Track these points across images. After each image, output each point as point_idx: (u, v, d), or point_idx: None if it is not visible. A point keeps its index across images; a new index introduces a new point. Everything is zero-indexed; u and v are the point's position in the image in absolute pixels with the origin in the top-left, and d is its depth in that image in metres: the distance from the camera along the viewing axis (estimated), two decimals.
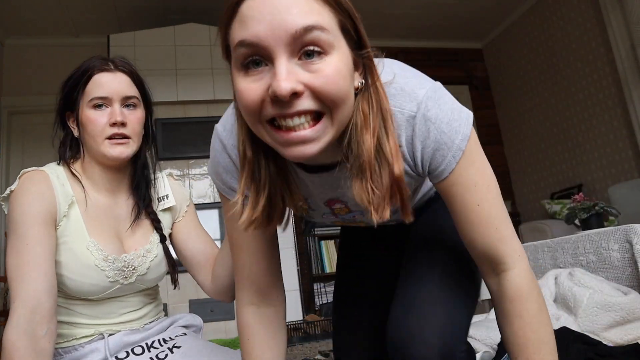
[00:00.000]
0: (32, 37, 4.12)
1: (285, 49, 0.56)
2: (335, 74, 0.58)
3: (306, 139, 0.58)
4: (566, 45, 4.26)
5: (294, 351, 2.67)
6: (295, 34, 0.55)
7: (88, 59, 1.03)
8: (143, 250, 1.04)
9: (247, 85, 0.58)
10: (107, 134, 0.97)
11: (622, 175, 3.83)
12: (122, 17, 4.04)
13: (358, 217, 0.84)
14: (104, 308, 1.00)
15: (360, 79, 0.66)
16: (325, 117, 0.60)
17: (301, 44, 0.56)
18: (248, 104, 0.59)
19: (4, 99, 3.99)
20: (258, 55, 0.57)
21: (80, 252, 0.94)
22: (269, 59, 0.57)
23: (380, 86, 0.67)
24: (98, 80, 0.98)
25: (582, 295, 1.44)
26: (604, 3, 3.81)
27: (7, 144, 3.98)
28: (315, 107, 0.58)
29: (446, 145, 0.68)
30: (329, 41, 0.58)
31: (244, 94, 0.58)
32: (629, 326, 1.39)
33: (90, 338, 0.98)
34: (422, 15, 4.62)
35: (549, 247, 2.07)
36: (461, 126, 0.69)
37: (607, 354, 1.10)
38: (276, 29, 0.55)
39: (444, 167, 0.69)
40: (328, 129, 0.60)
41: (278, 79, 0.55)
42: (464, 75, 5.23)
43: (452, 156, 0.68)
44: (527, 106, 4.78)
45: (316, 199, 0.80)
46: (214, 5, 4.03)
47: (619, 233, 1.73)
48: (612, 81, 3.85)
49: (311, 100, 0.58)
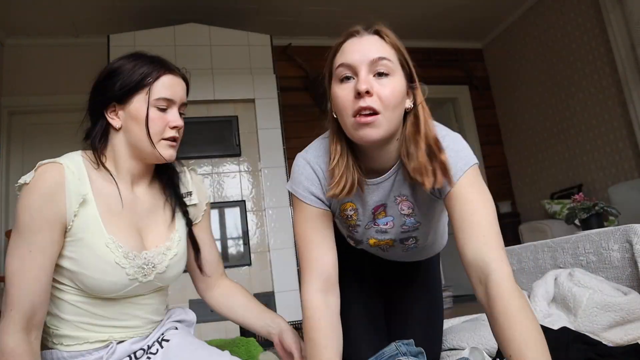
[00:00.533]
0: (32, 37, 4.11)
1: (366, 68, 0.91)
2: (393, 89, 0.92)
3: (369, 122, 0.89)
4: (566, 45, 4.26)
5: None
6: (373, 60, 0.92)
7: (131, 55, 1.04)
8: (163, 248, 1.03)
9: (342, 90, 0.93)
10: (165, 135, 1.00)
11: (622, 175, 3.83)
12: (122, 17, 4.04)
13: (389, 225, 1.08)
14: (118, 308, 0.99)
15: (410, 103, 0.98)
16: (381, 115, 0.90)
17: (375, 67, 0.92)
18: (343, 100, 0.92)
19: (4, 99, 3.99)
20: (350, 72, 0.92)
21: (99, 250, 0.92)
22: (356, 74, 0.92)
23: (423, 105, 0.98)
24: (168, 82, 1.01)
25: (582, 295, 1.44)
26: (604, 3, 3.81)
27: (7, 144, 3.98)
28: (376, 107, 0.90)
29: (452, 165, 0.94)
30: (392, 68, 0.93)
31: (340, 94, 0.93)
32: (628, 326, 1.39)
33: (103, 343, 0.97)
34: (422, 15, 4.62)
35: (549, 247, 2.07)
36: (466, 157, 0.96)
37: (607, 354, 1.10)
38: (363, 57, 0.92)
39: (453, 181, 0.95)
40: (382, 124, 0.91)
41: (360, 81, 0.90)
42: (464, 75, 5.23)
43: (456, 176, 0.94)
44: (527, 106, 4.78)
45: (366, 206, 1.06)
46: (214, 5, 4.03)
47: (619, 233, 1.73)
48: (612, 81, 3.85)
49: (376, 101, 0.90)
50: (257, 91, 3.74)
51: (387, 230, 1.09)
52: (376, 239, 1.11)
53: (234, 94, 3.71)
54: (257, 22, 4.34)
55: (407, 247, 1.14)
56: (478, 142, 5.07)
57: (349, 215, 1.07)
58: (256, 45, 3.90)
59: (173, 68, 1.04)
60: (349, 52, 0.93)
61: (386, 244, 1.12)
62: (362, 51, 0.92)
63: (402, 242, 1.12)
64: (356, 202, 1.05)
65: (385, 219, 1.07)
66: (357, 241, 1.15)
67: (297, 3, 4.17)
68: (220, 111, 3.67)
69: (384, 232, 1.09)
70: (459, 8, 4.55)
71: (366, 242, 1.13)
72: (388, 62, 0.92)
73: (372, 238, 1.11)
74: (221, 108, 3.67)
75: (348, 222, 1.09)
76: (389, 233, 1.09)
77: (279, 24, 4.45)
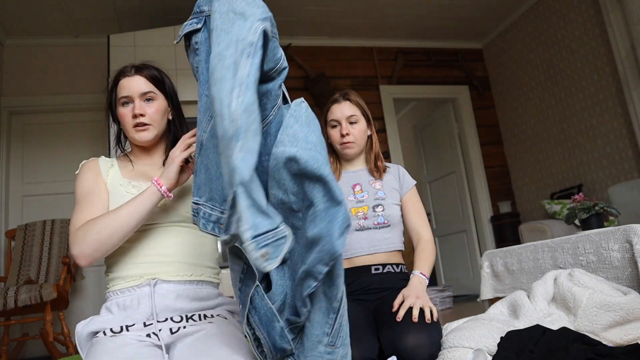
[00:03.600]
0: (32, 37, 4.12)
1: (345, 121, 1.65)
2: (360, 130, 1.67)
3: (348, 147, 1.66)
4: (566, 45, 4.26)
5: None
6: (348, 116, 1.66)
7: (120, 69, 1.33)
8: None
9: (334, 132, 1.68)
10: (133, 124, 1.26)
11: (622, 175, 3.83)
12: (122, 17, 4.04)
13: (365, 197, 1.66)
14: (152, 235, 1.19)
15: (369, 132, 1.72)
16: (354, 143, 1.66)
17: (349, 119, 1.66)
18: (334, 138, 1.68)
19: (4, 99, 3.99)
20: (337, 123, 1.67)
21: (116, 189, 1.24)
22: (340, 124, 1.66)
23: (375, 135, 1.74)
24: (124, 84, 1.27)
25: (581, 295, 1.44)
26: (604, 3, 3.81)
27: (7, 144, 3.98)
28: (352, 140, 1.66)
29: (407, 181, 1.72)
30: (358, 118, 1.67)
31: (333, 134, 1.68)
32: (628, 326, 1.39)
33: (142, 279, 1.15)
34: (422, 15, 4.62)
35: (549, 247, 2.07)
36: (410, 180, 1.72)
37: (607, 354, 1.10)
38: (342, 115, 1.66)
39: (405, 189, 1.70)
40: (354, 147, 1.67)
41: (343, 128, 1.65)
42: (464, 75, 5.23)
43: (407, 187, 1.70)
44: (527, 106, 4.78)
45: (347, 185, 1.69)
46: None
47: (619, 233, 1.73)
48: (612, 81, 3.85)
49: (351, 137, 1.65)
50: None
51: (363, 199, 1.65)
52: (355, 207, 1.64)
53: None
54: None
55: (377, 215, 1.61)
56: (478, 142, 5.07)
57: None
58: None
59: (127, 71, 1.28)
60: (334, 112, 1.67)
61: (362, 211, 1.62)
62: (341, 112, 1.66)
63: (374, 209, 1.62)
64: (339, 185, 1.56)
65: (361, 194, 1.67)
66: None
67: (297, 3, 4.17)
68: None
69: (360, 201, 1.65)
70: (459, 8, 4.55)
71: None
72: (355, 117, 1.66)
73: (353, 207, 1.64)
74: None
75: None
76: (364, 201, 1.65)
77: (279, 24, 4.42)
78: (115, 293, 1.16)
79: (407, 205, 1.67)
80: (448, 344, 1.29)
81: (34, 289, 2.77)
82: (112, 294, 1.17)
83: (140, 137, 1.26)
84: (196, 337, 1.07)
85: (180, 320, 1.11)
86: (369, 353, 1.26)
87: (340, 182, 1.69)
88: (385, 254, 1.61)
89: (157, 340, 1.07)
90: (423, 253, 1.58)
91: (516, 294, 1.57)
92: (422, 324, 1.29)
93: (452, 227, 5.31)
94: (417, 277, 1.50)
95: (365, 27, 4.74)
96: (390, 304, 1.40)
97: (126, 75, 1.27)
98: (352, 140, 1.65)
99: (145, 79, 1.28)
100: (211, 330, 1.09)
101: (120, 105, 1.27)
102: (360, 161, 1.74)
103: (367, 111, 1.70)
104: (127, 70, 1.29)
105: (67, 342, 2.96)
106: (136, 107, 1.25)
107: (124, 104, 1.27)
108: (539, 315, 1.45)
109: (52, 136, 4.10)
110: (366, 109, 1.69)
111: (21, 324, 3.45)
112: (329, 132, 1.69)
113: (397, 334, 1.28)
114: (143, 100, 1.27)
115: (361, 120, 1.67)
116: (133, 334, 1.08)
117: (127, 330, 1.09)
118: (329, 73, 4.71)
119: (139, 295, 1.13)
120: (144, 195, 1.15)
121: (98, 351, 1.01)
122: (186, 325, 1.11)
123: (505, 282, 2.29)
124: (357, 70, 4.88)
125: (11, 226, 3.79)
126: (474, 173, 4.99)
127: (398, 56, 5.02)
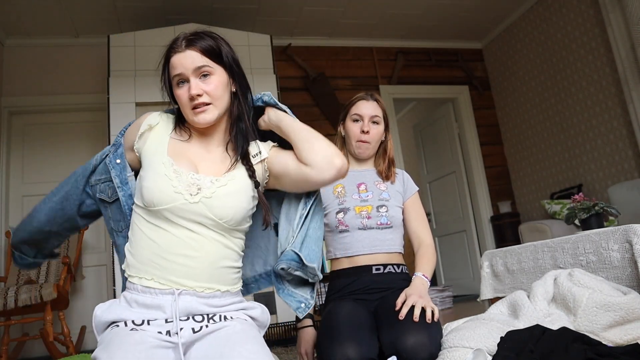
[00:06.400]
0: (32, 37, 4.12)
1: (368, 119, 1.67)
2: (378, 132, 1.70)
3: (365, 146, 1.69)
4: (566, 45, 4.26)
5: (294, 351, 2.67)
6: (372, 116, 1.68)
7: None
8: (212, 178, 1.14)
9: (354, 126, 1.69)
10: (191, 106, 1.14)
11: (622, 175, 3.83)
12: (122, 17, 4.04)
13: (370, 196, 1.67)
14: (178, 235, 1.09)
15: (383, 138, 1.74)
16: (370, 143, 1.69)
17: (372, 119, 1.68)
18: (353, 132, 1.68)
19: (4, 99, 3.99)
20: (359, 118, 1.68)
21: (157, 166, 1.13)
22: (362, 120, 1.67)
23: (390, 142, 1.76)
24: (175, 62, 1.14)
25: (581, 295, 1.44)
26: (604, 3, 3.81)
27: (7, 144, 3.98)
28: (369, 140, 1.68)
29: (408, 187, 1.74)
30: (379, 121, 1.69)
31: (352, 128, 1.69)
32: (628, 326, 1.39)
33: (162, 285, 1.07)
34: (422, 15, 4.62)
35: (549, 247, 2.07)
36: (413, 185, 1.75)
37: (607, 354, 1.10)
38: (367, 112, 1.68)
39: (408, 194, 1.72)
40: (369, 148, 1.70)
41: (364, 125, 1.67)
42: (464, 75, 5.23)
43: (410, 192, 1.73)
44: (527, 106, 4.78)
45: (353, 184, 1.69)
46: (214, 6, 4.04)
47: (619, 233, 1.73)
48: (612, 81, 3.85)
49: (370, 137, 1.68)
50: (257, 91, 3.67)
51: (367, 199, 1.66)
52: (360, 205, 1.64)
53: None
54: (257, 22, 4.34)
55: (381, 215, 1.62)
56: (478, 142, 5.07)
57: (339, 190, 1.69)
58: (256, 45, 3.90)
59: (177, 45, 1.14)
60: (360, 108, 1.69)
61: (366, 210, 1.63)
62: (367, 109, 1.68)
63: (378, 210, 1.63)
64: (343, 183, 1.69)
65: (365, 193, 1.68)
66: (345, 210, 1.63)
67: (297, 3, 4.17)
68: None
69: (365, 200, 1.66)
70: (459, 8, 4.55)
71: (352, 209, 1.63)
72: (378, 118, 1.69)
73: (357, 206, 1.64)
74: None
75: (339, 196, 1.68)
76: (368, 201, 1.65)
77: (279, 24, 4.45)
78: (136, 288, 1.09)
79: (409, 210, 1.69)
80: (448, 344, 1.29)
81: (34, 289, 2.78)
82: (132, 287, 1.10)
83: (199, 120, 1.14)
84: (217, 335, 1.06)
85: (202, 320, 1.08)
86: (369, 353, 1.26)
87: (346, 179, 1.66)
88: (386, 254, 1.61)
89: (177, 338, 1.04)
90: (425, 257, 1.59)
91: (516, 294, 1.57)
92: (422, 323, 1.30)
93: (452, 227, 5.31)
94: (419, 279, 1.51)
95: (365, 27, 4.74)
96: (390, 304, 1.40)
97: (177, 51, 1.13)
98: (369, 140, 1.67)
99: (198, 52, 1.13)
100: (232, 329, 1.07)
101: (175, 85, 1.15)
102: (369, 162, 1.75)
103: (387, 117, 1.74)
104: (178, 45, 1.14)
105: (67, 342, 2.96)
106: (192, 86, 1.12)
107: (179, 84, 1.14)
108: (539, 315, 1.45)
109: (52, 136, 4.09)
110: (387, 115, 1.73)
111: (21, 324, 3.44)
112: (348, 125, 1.69)
113: (397, 333, 1.28)
114: (199, 76, 1.13)
115: (381, 123, 1.69)
116: (154, 328, 1.05)
117: (148, 324, 1.05)
118: (328, 73, 4.71)
119: (161, 300, 1.07)
120: None
121: (114, 343, 0.98)
122: (208, 324, 1.08)
123: (505, 282, 2.29)
124: (357, 70, 4.88)
125: (11, 226, 3.79)
126: (474, 173, 4.99)
127: (398, 56, 5.02)
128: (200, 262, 1.10)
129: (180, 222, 1.10)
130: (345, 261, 1.62)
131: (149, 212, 1.10)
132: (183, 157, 1.16)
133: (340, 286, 1.59)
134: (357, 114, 1.68)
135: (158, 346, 1.01)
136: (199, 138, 1.21)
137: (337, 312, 1.43)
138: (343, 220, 1.62)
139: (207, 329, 1.07)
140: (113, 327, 1.06)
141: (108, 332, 1.05)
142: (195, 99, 1.12)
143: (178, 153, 1.16)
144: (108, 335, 1.04)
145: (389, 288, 1.55)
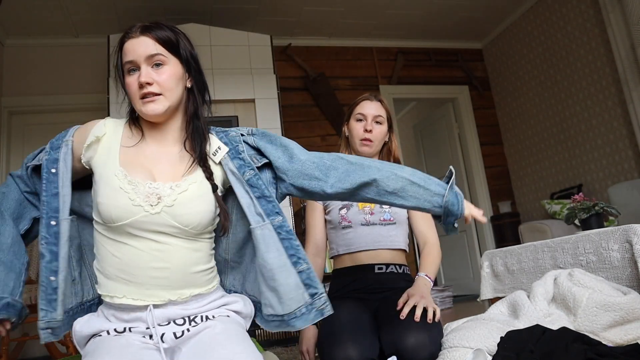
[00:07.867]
0: (32, 37, 4.12)
1: (371, 118, 1.69)
2: (382, 131, 1.71)
3: (368, 144, 1.68)
4: (566, 45, 4.26)
5: (294, 351, 2.67)
6: (375, 116, 1.69)
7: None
8: (172, 184, 1.07)
9: (357, 125, 1.70)
10: (140, 95, 1.06)
11: (622, 175, 3.83)
12: (122, 17, 4.04)
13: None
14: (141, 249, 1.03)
15: (386, 138, 1.75)
16: (374, 142, 1.69)
17: (376, 119, 1.70)
18: (357, 131, 1.69)
19: (4, 99, 3.99)
20: (363, 118, 1.70)
21: (109, 179, 1.05)
22: (366, 119, 1.69)
23: (395, 142, 1.79)
24: (128, 47, 1.07)
25: (581, 295, 1.44)
26: (604, 3, 3.82)
27: (7, 144, 3.99)
28: (373, 138, 1.68)
29: None
30: (383, 121, 1.71)
31: (356, 127, 1.70)
32: (628, 326, 1.39)
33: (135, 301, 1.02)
34: (422, 15, 4.62)
35: (549, 247, 2.07)
36: None
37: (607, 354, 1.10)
38: (370, 112, 1.70)
39: None
40: (373, 147, 1.70)
41: (367, 124, 1.68)
42: (464, 75, 5.23)
43: None
44: (527, 106, 4.78)
45: None
46: (214, 6, 4.04)
47: (619, 233, 1.73)
48: (612, 81, 3.85)
49: (373, 136, 1.68)
50: (257, 91, 3.74)
51: None
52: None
53: (234, 94, 3.71)
54: (257, 22, 4.34)
55: (384, 211, 1.64)
56: (478, 142, 5.07)
57: None
58: (256, 45, 3.90)
59: (131, 32, 1.08)
60: (364, 107, 1.71)
61: (369, 206, 1.64)
62: (370, 109, 1.70)
63: (381, 206, 1.63)
64: None
65: None
66: (348, 205, 1.66)
67: (297, 3, 4.17)
68: (220, 111, 3.67)
69: None
70: (459, 8, 4.55)
71: (355, 205, 1.65)
72: (381, 118, 1.71)
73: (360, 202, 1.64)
74: (221, 108, 3.67)
75: None
76: None
77: (279, 24, 4.45)
78: (112, 305, 1.05)
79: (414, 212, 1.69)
80: (448, 344, 1.29)
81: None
82: (107, 304, 1.06)
83: (147, 110, 1.06)
84: (199, 338, 1.04)
85: (183, 324, 1.06)
86: (369, 353, 1.26)
87: None
88: (388, 251, 1.61)
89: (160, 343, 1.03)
90: (429, 256, 1.59)
91: (516, 294, 1.57)
92: (423, 324, 1.30)
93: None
94: (422, 279, 1.51)
95: (365, 27, 4.74)
96: (391, 304, 1.40)
97: (131, 37, 1.07)
98: (372, 139, 1.67)
99: (153, 40, 1.07)
100: (213, 330, 1.05)
101: (127, 73, 1.07)
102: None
103: (391, 118, 1.75)
104: (133, 31, 1.07)
105: (67, 342, 2.96)
106: (142, 74, 1.05)
107: (130, 72, 1.07)
108: (539, 315, 1.45)
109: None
110: (391, 116, 1.76)
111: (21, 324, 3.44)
112: (351, 124, 1.71)
113: (397, 333, 1.28)
114: (151, 65, 1.06)
115: (385, 124, 1.71)
116: (137, 335, 1.03)
117: (130, 331, 1.04)
118: (328, 73, 4.71)
119: (137, 314, 1.04)
120: None
121: (100, 350, 0.97)
122: (190, 328, 1.06)
123: (505, 282, 2.29)
124: (357, 70, 4.88)
125: None
126: (474, 173, 5.00)
127: (398, 56, 5.02)
128: (171, 272, 1.05)
129: (143, 235, 1.04)
130: (347, 259, 1.61)
131: (109, 228, 1.04)
132: (137, 166, 1.08)
133: (342, 285, 1.59)
134: (360, 114, 1.70)
135: (145, 348, 1.00)
136: (153, 135, 1.13)
137: (338, 312, 1.43)
138: (346, 216, 1.62)
139: (189, 333, 1.05)
140: (96, 337, 1.03)
141: (91, 342, 1.03)
142: (144, 87, 1.05)
143: (130, 162, 1.08)
144: (91, 345, 1.01)
145: (391, 288, 1.54)
